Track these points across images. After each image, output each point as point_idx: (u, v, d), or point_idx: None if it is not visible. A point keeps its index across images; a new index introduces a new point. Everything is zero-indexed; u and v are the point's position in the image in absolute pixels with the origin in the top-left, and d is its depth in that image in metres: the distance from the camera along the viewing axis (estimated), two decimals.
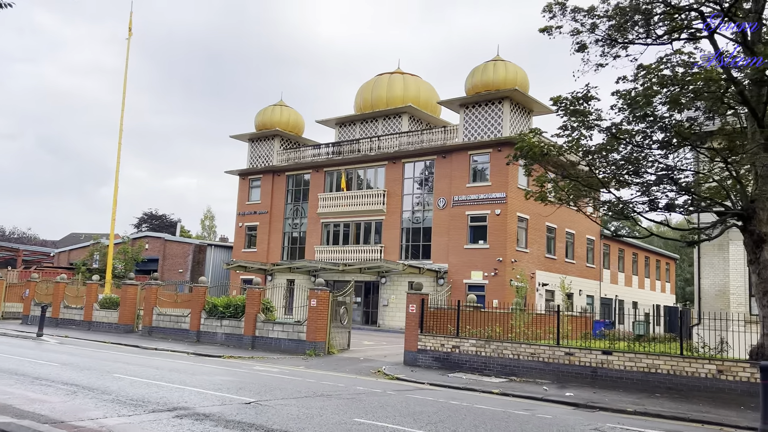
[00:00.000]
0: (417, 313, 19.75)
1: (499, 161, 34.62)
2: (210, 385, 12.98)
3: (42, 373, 13.13)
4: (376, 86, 42.96)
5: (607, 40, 16.47)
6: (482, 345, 18.17)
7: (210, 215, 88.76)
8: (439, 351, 19.03)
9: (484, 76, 35.74)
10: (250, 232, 46.45)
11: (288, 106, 47.44)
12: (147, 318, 27.72)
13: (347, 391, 13.33)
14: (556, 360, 16.88)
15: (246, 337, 23.97)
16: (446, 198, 36.51)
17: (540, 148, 16.57)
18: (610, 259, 45.61)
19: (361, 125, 43.72)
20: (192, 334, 25.76)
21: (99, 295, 31.04)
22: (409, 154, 38.45)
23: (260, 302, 24.26)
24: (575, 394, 14.74)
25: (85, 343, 23.79)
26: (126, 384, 12.27)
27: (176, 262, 50.83)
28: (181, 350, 22.01)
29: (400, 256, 37.80)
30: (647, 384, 15.38)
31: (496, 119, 35.27)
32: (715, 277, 27.16)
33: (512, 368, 17.52)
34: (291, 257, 43.67)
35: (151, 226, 72.19)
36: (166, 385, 12.36)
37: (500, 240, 33.89)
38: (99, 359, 17.14)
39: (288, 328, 23.13)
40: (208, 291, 26.54)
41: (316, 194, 42.48)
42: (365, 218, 39.88)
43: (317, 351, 21.92)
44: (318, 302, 22.28)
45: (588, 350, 16.54)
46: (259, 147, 47.11)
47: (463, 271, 34.92)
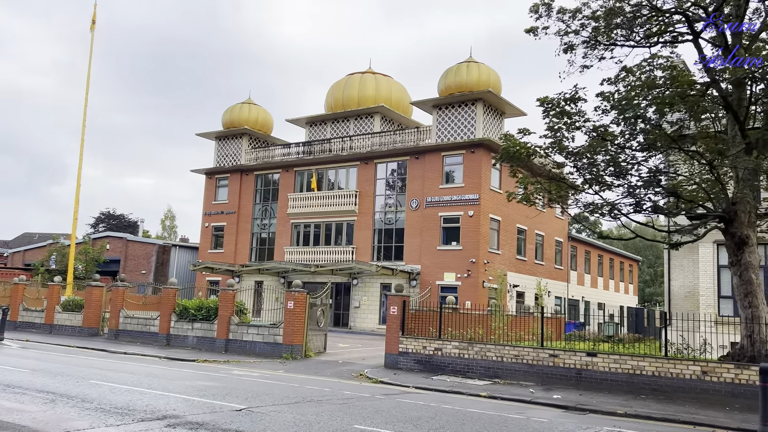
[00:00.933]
0: (398, 315, 19.48)
1: (472, 163, 34.65)
2: (193, 391, 12.46)
3: (13, 380, 12.40)
4: (348, 85, 42.57)
5: (593, 42, 16.51)
6: (465, 347, 18.01)
7: (171, 215, 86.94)
8: (421, 353, 18.79)
9: (458, 77, 35.73)
10: (217, 233, 45.51)
11: (256, 104, 46.67)
12: (113, 321, 26.78)
13: (336, 396, 12.97)
14: (540, 362, 16.82)
15: (219, 341, 23.32)
16: (419, 199, 36.35)
17: (526, 149, 16.49)
18: (577, 260, 46.17)
19: (333, 125, 43.26)
20: (161, 337, 24.96)
21: (61, 297, 29.88)
22: (381, 154, 38.18)
23: (234, 304, 23.65)
24: (562, 396, 14.68)
25: (49, 347, 22.80)
26: (106, 391, 11.67)
27: (139, 263, 49.47)
28: (152, 354, 21.28)
29: (372, 258, 37.49)
30: (632, 386, 15.42)
31: (469, 121, 35.28)
32: (684, 278, 27.59)
33: (496, 370, 17.39)
34: (260, 258, 42.92)
35: (108, 226, 70.19)
36: (148, 392, 11.80)
37: (473, 241, 33.89)
38: (70, 364, 16.37)
39: (263, 330, 22.59)
40: (179, 293, 25.76)
41: (286, 194, 41.85)
42: (337, 219, 39.45)
43: (294, 354, 21.46)
44: (295, 304, 21.82)
45: (572, 352, 16.52)
46: (227, 146, 46.21)
47: (435, 272, 34.81)
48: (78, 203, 35.54)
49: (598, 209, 17.12)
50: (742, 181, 15.56)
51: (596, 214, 17.02)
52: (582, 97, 15.69)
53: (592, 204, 17.45)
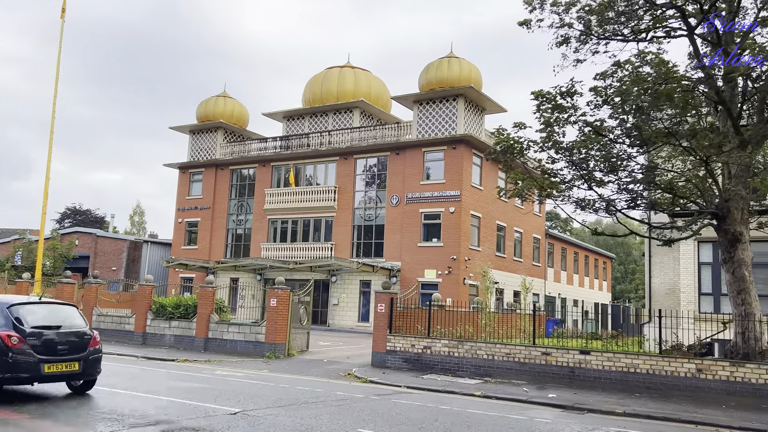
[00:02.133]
0: (386, 313, 19.06)
1: (453, 159, 34.38)
2: (181, 393, 11.88)
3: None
4: (326, 80, 41.93)
5: (586, 36, 16.29)
6: (455, 345, 17.67)
7: (139, 211, 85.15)
8: (409, 352, 18.41)
9: (439, 72, 35.41)
10: (191, 229, 44.49)
11: (231, 98, 45.72)
12: (86, 319, 25.76)
13: (330, 398, 12.50)
14: (532, 360, 16.57)
15: (198, 339, 22.63)
16: (399, 195, 35.97)
17: (519, 144, 16.22)
18: (554, 257, 46.32)
19: (311, 119, 42.59)
20: (137, 336, 24.15)
21: (30, 295, 28.72)
22: (361, 149, 37.68)
23: (213, 302, 22.98)
24: (558, 395, 14.42)
25: None
26: (93, 392, 11.01)
27: (109, 259, 48.15)
28: (129, 354, 20.51)
29: (352, 254, 37.00)
30: (626, 384, 15.26)
31: (450, 116, 34.99)
32: (665, 275, 27.69)
33: (486, 369, 17.09)
34: (235, 255, 42.08)
35: (74, 221, 68.31)
36: (134, 395, 11.19)
37: (454, 238, 33.64)
38: None
39: (245, 329, 21.97)
40: (154, 290, 24.95)
41: (263, 190, 41.07)
42: (315, 215, 38.85)
43: (277, 353, 20.89)
44: (278, 302, 21.24)
45: (565, 350, 16.31)
46: (201, 140, 45.20)
47: (416, 269, 34.48)
48: (47, 197, 34.25)
49: (590, 205, 16.96)
50: (735, 177, 15.49)
51: (588, 209, 16.84)
52: (578, 91, 15.46)
53: (583, 200, 17.28)
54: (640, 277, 69.19)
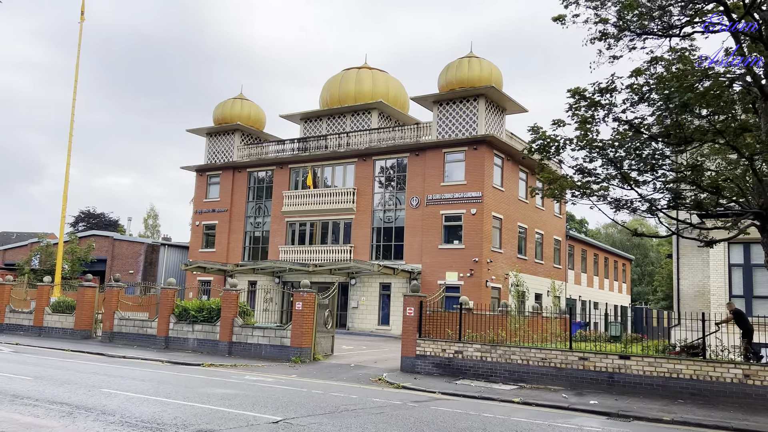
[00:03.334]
0: (415, 317, 18.66)
1: (474, 159, 33.93)
2: (217, 399, 11.53)
3: (18, 390, 11.37)
4: (344, 81, 41.60)
5: (624, 31, 15.83)
6: (488, 350, 17.24)
7: (153, 214, 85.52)
8: (440, 357, 17.99)
9: (459, 72, 34.99)
10: (209, 232, 44.27)
11: (248, 100, 45.52)
12: (108, 323, 25.61)
13: (368, 405, 12.11)
14: (569, 365, 16.10)
15: (222, 343, 22.32)
16: (419, 197, 35.56)
17: (556, 142, 15.77)
18: (574, 259, 45.72)
19: (328, 121, 42.28)
20: (160, 340, 23.88)
21: (51, 299, 28.61)
22: (380, 151, 37.30)
23: (237, 305, 22.67)
24: (599, 401, 13.97)
25: (43, 351, 21.65)
26: (122, 401, 10.70)
27: (126, 262, 48.06)
28: (153, 358, 20.24)
29: (371, 257, 36.62)
30: (668, 390, 14.77)
31: (470, 117, 34.56)
32: (693, 277, 27.14)
33: (521, 374, 16.65)
34: (253, 258, 41.81)
35: (88, 225, 68.47)
36: (169, 402, 10.85)
37: (476, 240, 33.17)
38: (72, 370, 15.32)
39: (270, 333, 21.64)
40: (177, 293, 24.68)
41: (281, 192, 40.79)
42: (334, 217, 38.50)
43: (303, 357, 20.54)
44: (304, 305, 20.90)
45: (603, 355, 15.83)
46: (218, 142, 45.01)
47: (437, 271, 34.05)
48: (66, 200, 34.25)
49: (627, 205, 16.49)
50: None
51: (626, 209, 16.37)
52: (617, 88, 14.97)
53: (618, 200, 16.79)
54: (659, 279, 68.29)
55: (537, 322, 21.70)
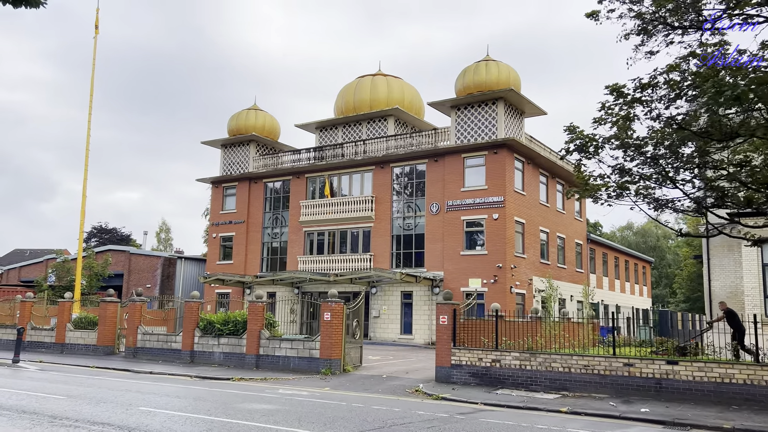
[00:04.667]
0: (449, 325, 18.17)
1: (495, 164, 33.46)
2: (260, 416, 11.10)
3: (56, 410, 10.99)
4: (359, 88, 41.31)
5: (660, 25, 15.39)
6: (527, 358, 16.72)
7: (166, 228, 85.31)
8: (476, 366, 17.48)
9: (477, 76, 34.59)
10: (225, 243, 43.97)
11: (263, 110, 45.31)
12: (131, 338, 25.26)
13: (415, 418, 11.64)
14: (613, 372, 15.57)
15: (249, 356, 21.90)
16: (439, 203, 35.10)
17: (594, 141, 15.32)
18: (595, 263, 45.07)
19: (344, 129, 41.96)
20: (185, 354, 23.50)
21: (72, 315, 28.32)
22: (398, 158, 36.91)
23: (264, 317, 22.26)
24: (650, 410, 13.43)
25: (69, 368, 21.30)
26: (164, 420, 10.29)
27: (143, 276, 47.83)
28: (181, 373, 19.84)
29: (391, 265, 36.16)
30: (720, 396, 14.21)
31: (489, 120, 34.13)
32: (726, 279, 26.50)
33: (563, 382, 16.12)
34: (271, 269, 41.43)
35: (101, 240, 68.37)
36: (213, 420, 10.43)
37: (499, 246, 32.66)
38: (104, 388, 14.93)
39: (298, 344, 21.21)
40: (201, 307, 24.31)
41: (298, 202, 40.45)
42: (352, 226, 38.10)
43: (333, 369, 20.08)
44: (332, 315, 20.46)
45: (650, 360, 15.29)
46: (234, 153, 44.80)
47: (459, 278, 33.54)
48: (84, 215, 34.03)
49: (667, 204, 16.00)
50: None
51: (668, 209, 15.89)
52: (660, 83, 14.49)
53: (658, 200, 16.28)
54: (680, 281, 67.39)
55: (569, 328, 21.21)
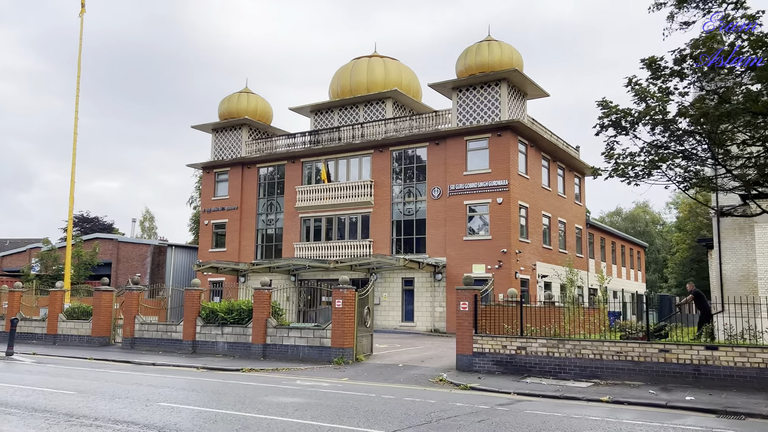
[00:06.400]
0: (470, 312, 17.39)
1: (498, 147, 32.67)
2: (293, 411, 10.23)
3: (69, 407, 10.01)
4: (355, 70, 40.19)
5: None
6: (555, 345, 16.00)
7: (149, 216, 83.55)
8: (500, 354, 16.73)
9: (479, 57, 33.68)
10: (218, 230, 42.79)
11: (255, 93, 44.01)
12: (128, 328, 24.20)
13: (457, 411, 10.84)
14: (648, 358, 14.89)
15: (255, 346, 20.98)
16: (441, 187, 34.26)
17: (629, 115, 14.56)
18: (593, 248, 44.61)
19: (340, 112, 40.87)
20: (186, 344, 22.51)
21: (64, 305, 27.14)
22: (397, 141, 35.95)
23: (270, 305, 21.34)
24: (695, 398, 12.76)
25: (66, 360, 20.24)
26: (192, 416, 9.37)
27: (132, 265, 46.47)
28: (186, 364, 18.89)
29: (392, 251, 35.31)
30: (764, 382, 13.58)
31: (492, 102, 33.28)
32: (737, 262, 26.03)
33: (593, 370, 15.42)
34: (266, 256, 40.39)
35: (82, 229, 66.64)
36: (247, 416, 9.53)
37: (503, 230, 31.93)
38: (111, 381, 13.94)
39: (307, 333, 20.32)
40: (201, 295, 23.30)
41: (293, 187, 39.37)
42: (350, 211, 37.15)
43: (345, 358, 19.24)
44: (344, 303, 19.58)
45: (687, 346, 14.63)
46: (225, 138, 43.51)
47: (463, 264, 32.79)
48: (72, 202, 32.71)
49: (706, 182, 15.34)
50: None
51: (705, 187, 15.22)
52: (696, 56, 13.73)
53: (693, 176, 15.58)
54: (672, 266, 67.40)
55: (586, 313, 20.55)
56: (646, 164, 15.73)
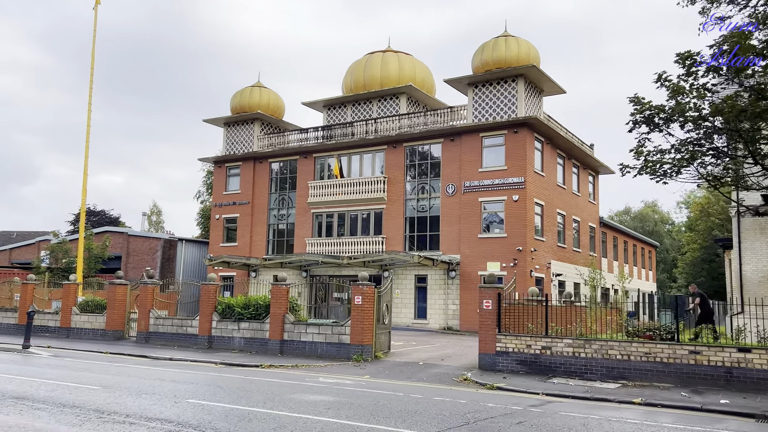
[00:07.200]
0: (493, 311, 17.14)
1: (515, 143, 32.34)
2: (324, 409, 10.00)
3: (97, 403, 9.80)
4: (369, 65, 39.89)
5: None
6: (581, 345, 15.73)
7: (156, 210, 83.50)
8: (524, 353, 16.48)
9: (495, 52, 33.33)
10: (229, 225, 42.60)
11: (267, 88, 43.73)
12: (143, 322, 24.03)
13: (492, 412, 10.59)
14: (677, 360, 14.61)
15: (272, 342, 20.77)
16: (456, 184, 33.97)
17: (662, 110, 14.25)
18: (606, 247, 44.26)
19: (353, 107, 40.57)
20: (202, 339, 22.33)
21: (78, 298, 26.98)
22: (411, 137, 35.66)
23: (288, 301, 21.13)
24: (730, 401, 12.49)
25: (82, 354, 20.07)
26: (226, 414, 9.14)
27: (142, 259, 46.35)
28: (204, 360, 18.69)
29: (404, 248, 35.04)
30: None
31: (509, 99, 32.95)
32: (758, 262, 25.70)
33: (620, 371, 15.15)
34: (277, 251, 40.19)
35: (89, 222, 66.55)
36: (281, 414, 9.30)
37: (519, 228, 31.63)
38: (133, 377, 13.73)
39: (326, 329, 20.10)
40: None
41: (306, 182, 39.13)
42: (363, 207, 36.89)
43: (365, 356, 19.02)
44: (363, 299, 19.35)
45: (719, 348, 14.34)
46: (237, 132, 43.28)
47: (477, 262, 32.51)
48: (85, 193, 32.59)
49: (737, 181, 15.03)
50: None
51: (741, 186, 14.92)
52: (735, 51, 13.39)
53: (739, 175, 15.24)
54: (682, 266, 66.98)
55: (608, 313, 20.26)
56: (675, 162, 15.45)
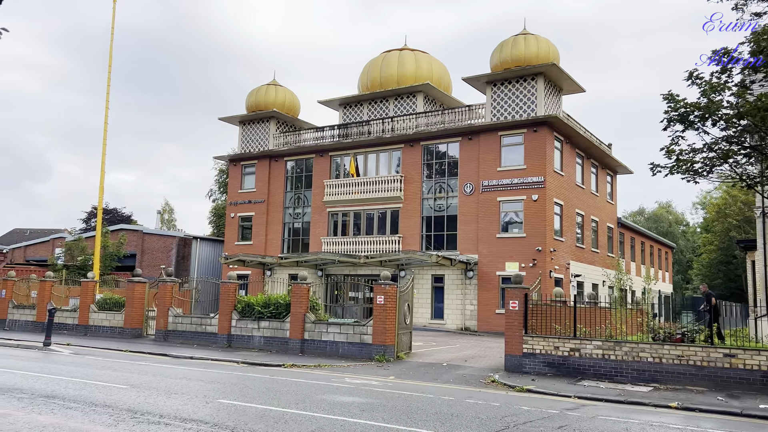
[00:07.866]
0: (520, 311, 16.86)
1: (534, 143, 32.01)
2: (358, 411, 9.78)
3: (129, 403, 9.63)
4: (385, 64, 39.66)
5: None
6: (611, 347, 15.42)
7: (169, 208, 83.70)
8: (552, 355, 16.19)
9: (515, 50, 33.02)
10: (244, 224, 42.50)
11: (282, 86, 43.63)
12: (162, 321, 23.91)
13: (529, 416, 10.33)
14: (711, 363, 14.28)
15: (293, 341, 20.58)
16: (473, 183, 33.67)
17: (697, 107, 13.93)
18: (624, 247, 43.81)
19: (369, 106, 40.35)
20: (221, 338, 22.17)
21: (96, 295, 26.92)
22: (428, 135, 35.40)
23: (308, 300, 20.93)
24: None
25: (102, 352, 19.96)
26: (261, 415, 8.94)
27: (157, 257, 46.35)
28: (225, 359, 18.52)
29: (421, 247, 34.79)
30: None
31: (528, 97, 32.62)
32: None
33: (652, 374, 14.84)
34: (293, 250, 40.04)
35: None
36: (316, 416, 9.09)
37: (538, 228, 31.30)
38: (159, 375, 13.58)
39: (347, 329, 19.89)
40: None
41: (321, 181, 38.97)
42: (380, 206, 36.67)
43: (387, 356, 18.79)
44: (386, 299, 19.13)
45: (755, 351, 14.00)
46: (253, 130, 43.18)
47: (495, 262, 32.22)
48: (102, 191, 32.53)
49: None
50: None
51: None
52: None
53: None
54: (698, 267, 66.33)
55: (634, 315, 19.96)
56: (707, 161, 15.13)
